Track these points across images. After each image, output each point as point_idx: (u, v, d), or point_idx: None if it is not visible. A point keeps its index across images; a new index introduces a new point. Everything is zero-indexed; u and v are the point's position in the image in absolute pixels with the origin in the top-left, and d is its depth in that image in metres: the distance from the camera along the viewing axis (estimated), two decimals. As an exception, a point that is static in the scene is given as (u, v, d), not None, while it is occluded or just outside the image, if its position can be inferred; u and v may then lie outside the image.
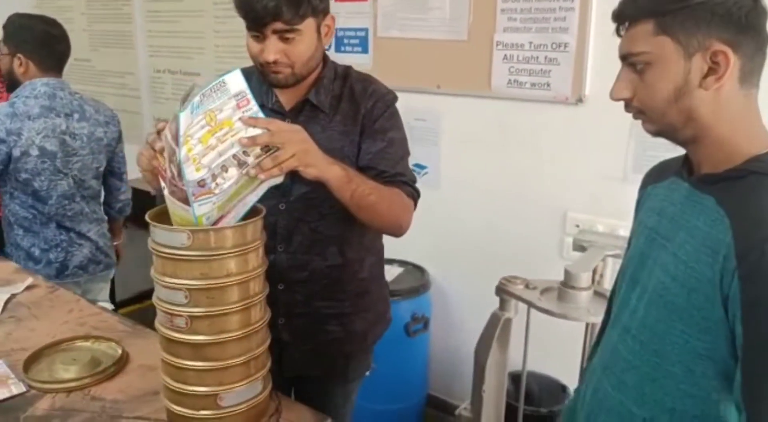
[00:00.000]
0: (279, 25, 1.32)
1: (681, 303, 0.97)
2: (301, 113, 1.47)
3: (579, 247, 1.98)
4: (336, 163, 1.27)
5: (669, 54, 0.95)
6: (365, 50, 2.73)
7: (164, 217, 1.16)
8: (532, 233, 2.44)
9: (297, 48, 1.37)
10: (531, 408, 2.23)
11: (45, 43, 2.21)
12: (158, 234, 1.12)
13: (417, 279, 2.62)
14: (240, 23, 1.38)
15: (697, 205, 0.99)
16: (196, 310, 1.11)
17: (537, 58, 2.29)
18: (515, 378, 2.18)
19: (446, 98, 2.56)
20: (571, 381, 2.23)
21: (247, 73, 1.24)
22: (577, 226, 2.28)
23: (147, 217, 1.14)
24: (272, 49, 1.35)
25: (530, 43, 2.29)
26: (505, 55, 2.36)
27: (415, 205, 1.52)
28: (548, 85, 2.29)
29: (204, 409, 1.16)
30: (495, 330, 1.89)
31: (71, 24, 2.45)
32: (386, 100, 1.51)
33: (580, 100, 2.23)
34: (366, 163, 1.45)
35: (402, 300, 2.51)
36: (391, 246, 2.79)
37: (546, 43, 2.26)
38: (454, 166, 2.61)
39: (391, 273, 2.67)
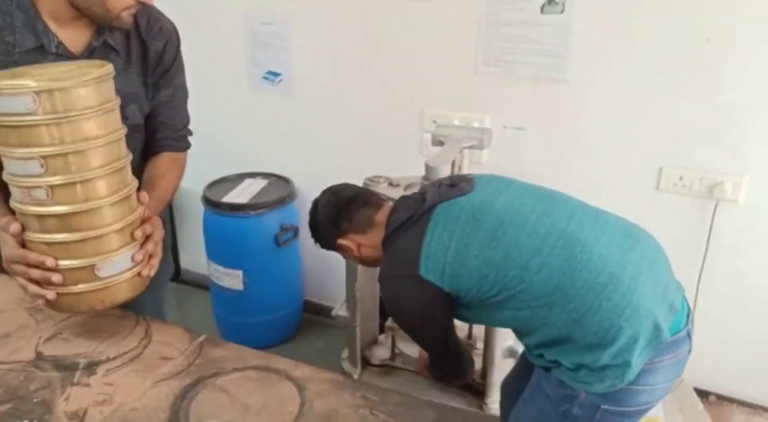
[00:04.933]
0: None
1: None
2: (92, 56, 1.29)
3: (437, 142, 2.01)
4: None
5: None
6: (201, -50, 2.53)
7: None
8: (391, 133, 2.46)
9: None
10: (404, 300, 2.33)
11: None
12: None
13: (282, 190, 2.58)
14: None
15: None
16: (56, 179, 1.04)
17: (382, -49, 2.23)
18: (387, 274, 2.25)
19: (294, -1, 2.45)
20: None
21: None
22: (435, 122, 2.33)
23: None
24: None
25: (374, -64, 2.22)
26: (350, -50, 2.27)
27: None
28: (396, -19, 2.24)
29: (81, 282, 1.11)
30: (364, 229, 1.92)
31: None
32: (175, 42, 1.43)
33: (428, -5, 2.21)
34: (152, 111, 1.42)
35: (269, 211, 2.48)
36: (253, 160, 2.75)
37: (390, -65, 2.19)
38: (307, 70, 2.54)
39: (255, 186, 2.62)
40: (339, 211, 1.47)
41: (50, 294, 1.10)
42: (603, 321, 1.21)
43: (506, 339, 1.85)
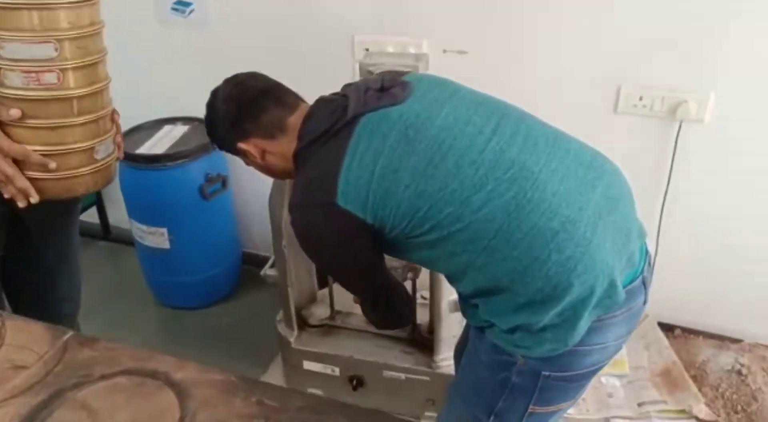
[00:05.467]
0: None
1: None
2: None
3: (366, 73, 1.76)
4: None
5: None
6: None
7: None
8: (320, 64, 2.18)
9: None
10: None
11: None
12: None
13: (205, 135, 2.28)
14: None
15: None
16: (68, 63, 1.08)
17: None
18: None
19: None
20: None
21: None
22: (367, 50, 2.06)
23: None
24: None
25: None
26: None
27: None
28: None
29: (82, 166, 1.17)
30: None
31: None
32: None
33: None
34: None
35: (190, 161, 2.22)
36: (170, 103, 2.45)
37: None
38: (222, -3, 2.23)
39: (174, 133, 2.35)
40: (243, 107, 1.19)
41: (33, 198, 1.14)
42: (550, 276, 1.01)
43: (453, 292, 1.67)
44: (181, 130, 2.36)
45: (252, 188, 2.50)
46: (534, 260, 1.01)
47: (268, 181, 2.33)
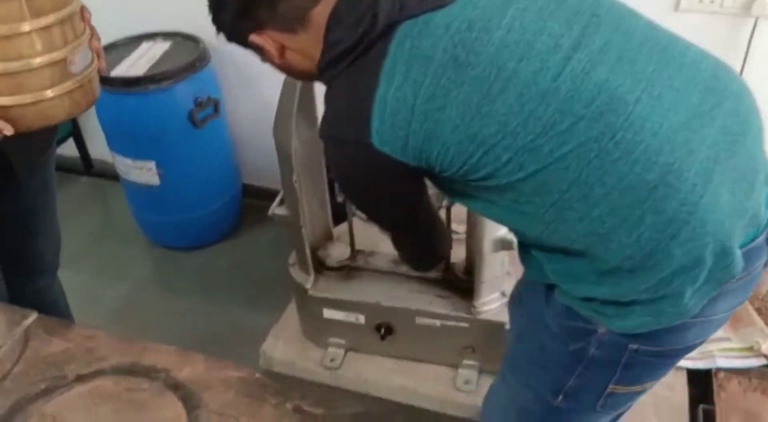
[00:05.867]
0: None
1: None
2: None
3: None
4: None
5: None
6: None
7: None
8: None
9: None
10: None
11: None
12: None
13: (191, 52, 1.99)
14: None
15: None
16: None
17: None
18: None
19: None
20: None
21: None
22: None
23: None
24: None
25: None
26: None
27: None
28: None
29: (56, 84, 0.92)
30: (293, 98, 1.40)
31: None
32: None
33: None
34: None
35: (176, 83, 1.92)
36: (148, 15, 2.12)
37: None
38: None
39: (154, 51, 2.03)
40: None
41: (8, 131, 0.93)
42: (643, 242, 0.77)
43: (498, 226, 1.42)
44: (162, 46, 2.05)
45: (250, 112, 2.20)
46: (621, 222, 0.78)
47: (267, 104, 2.04)
